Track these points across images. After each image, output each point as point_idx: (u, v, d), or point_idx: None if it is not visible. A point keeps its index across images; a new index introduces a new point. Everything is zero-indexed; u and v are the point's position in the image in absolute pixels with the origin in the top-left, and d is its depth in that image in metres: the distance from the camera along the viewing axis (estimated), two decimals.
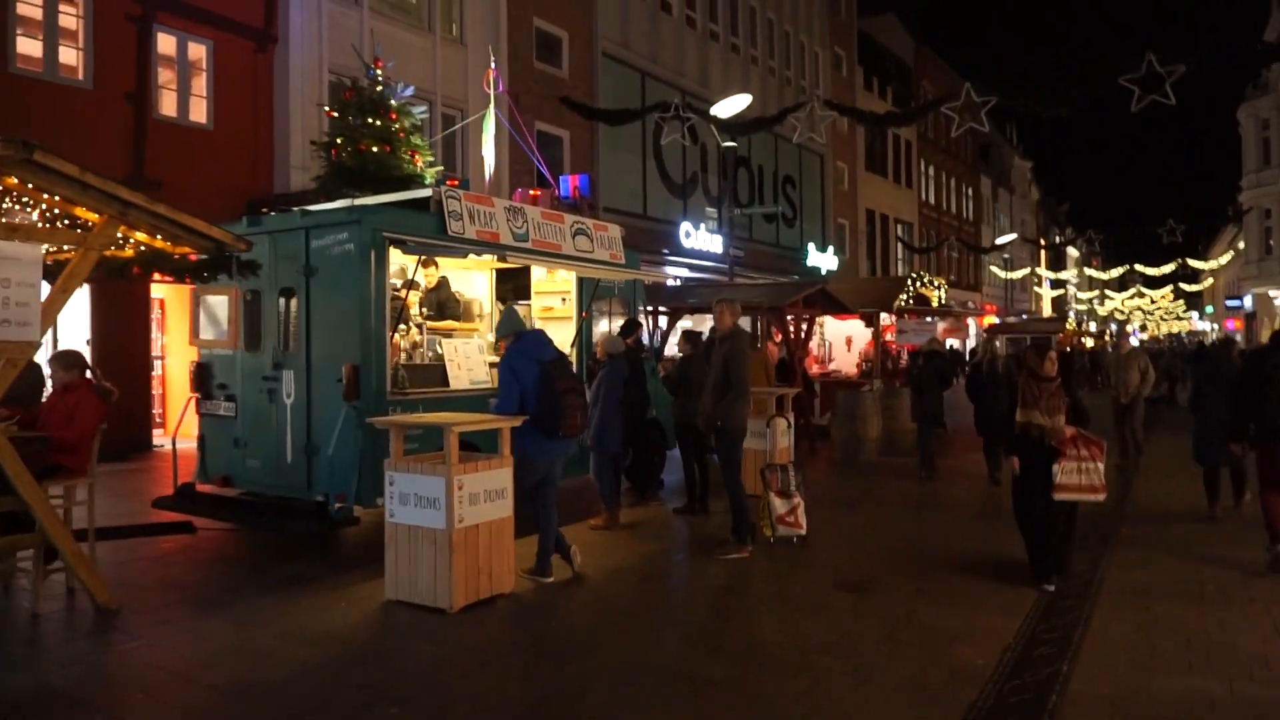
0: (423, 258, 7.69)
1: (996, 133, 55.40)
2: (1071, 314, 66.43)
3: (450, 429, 5.35)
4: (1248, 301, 41.60)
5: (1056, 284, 65.28)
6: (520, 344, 5.93)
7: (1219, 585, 6.01)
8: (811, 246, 28.96)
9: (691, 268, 22.24)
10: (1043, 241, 53.34)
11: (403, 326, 7.39)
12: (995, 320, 40.14)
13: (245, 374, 7.24)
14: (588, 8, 20.64)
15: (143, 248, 5.85)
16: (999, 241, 41.34)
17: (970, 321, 43.60)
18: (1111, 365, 11.78)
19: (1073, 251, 73.60)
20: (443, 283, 8.30)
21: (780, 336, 13.47)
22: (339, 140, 8.01)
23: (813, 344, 18.18)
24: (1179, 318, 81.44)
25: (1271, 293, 36.00)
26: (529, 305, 9.21)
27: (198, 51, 13.34)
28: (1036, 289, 61.08)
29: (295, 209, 7.09)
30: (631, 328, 8.94)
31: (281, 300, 6.97)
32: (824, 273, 28.00)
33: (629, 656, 4.69)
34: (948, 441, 12.73)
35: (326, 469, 6.62)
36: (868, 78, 35.41)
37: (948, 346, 18.71)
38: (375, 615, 5.38)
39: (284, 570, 6.35)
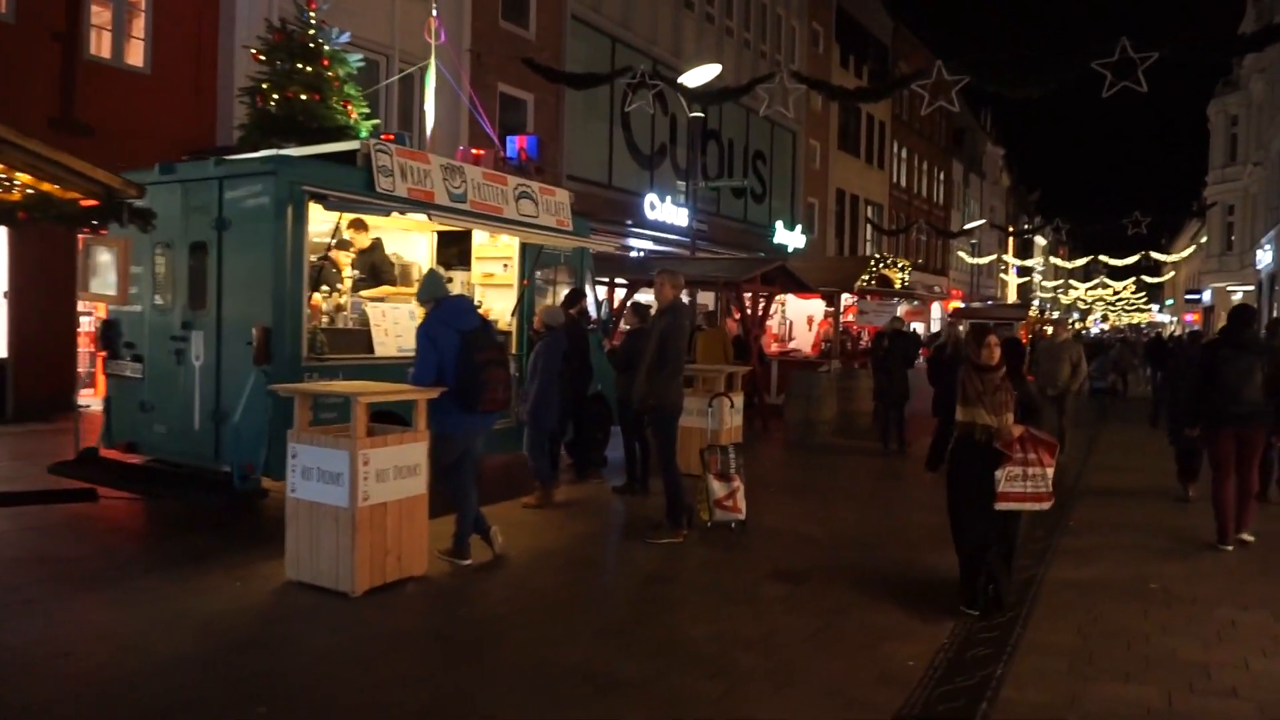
0: (354, 218, 7.25)
1: (970, 118, 55.31)
2: (1036, 302, 67.04)
3: (357, 398, 4.94)
4: (1207, 295, 42.10)
5: (1023, 271, 65.74)
6: (440, 311, 5.51)
7: (1163, 583, 5.81)
8: (779, 224, 28.62)
9: (656, 240, 21.82)
10: (1010, 229, 53.56)
11: (325, 288, 6.93)
12: (960, 305, 40.22)
13: (153, 333, 6.74)
14: None
15: (30, 190, 5.34)
16: (967, 227, 41.33)
17: (935, 305, 43.76)
18: (1041, 355, 10.71)
19: (1040, 240, 74.15)
20: (376, 244, 7.83)
21: (738, 313, 13.16)
22: (264, 86, 7.45)
23: (773, 322, 17.91)
24: (1140, 310, 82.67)
25: (1230, 287, 36.40)
26: (468, 271, 8.76)
27: None
28: (1003, 275, 61.43)
29: (211, 157, 6.56)
30: (575, 298, 8.55)
31: (192, 255, 6.47)
32: (791, 251, 27.70)
33: (537, 651, 4.35)
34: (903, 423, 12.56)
35: (234, 437, 6.18)
36: (844, 55, 34.98)
37: (909, 329, 18.65)
38: (271, 598, 4.99)
39: (180, 545, 5.92)
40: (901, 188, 41.60)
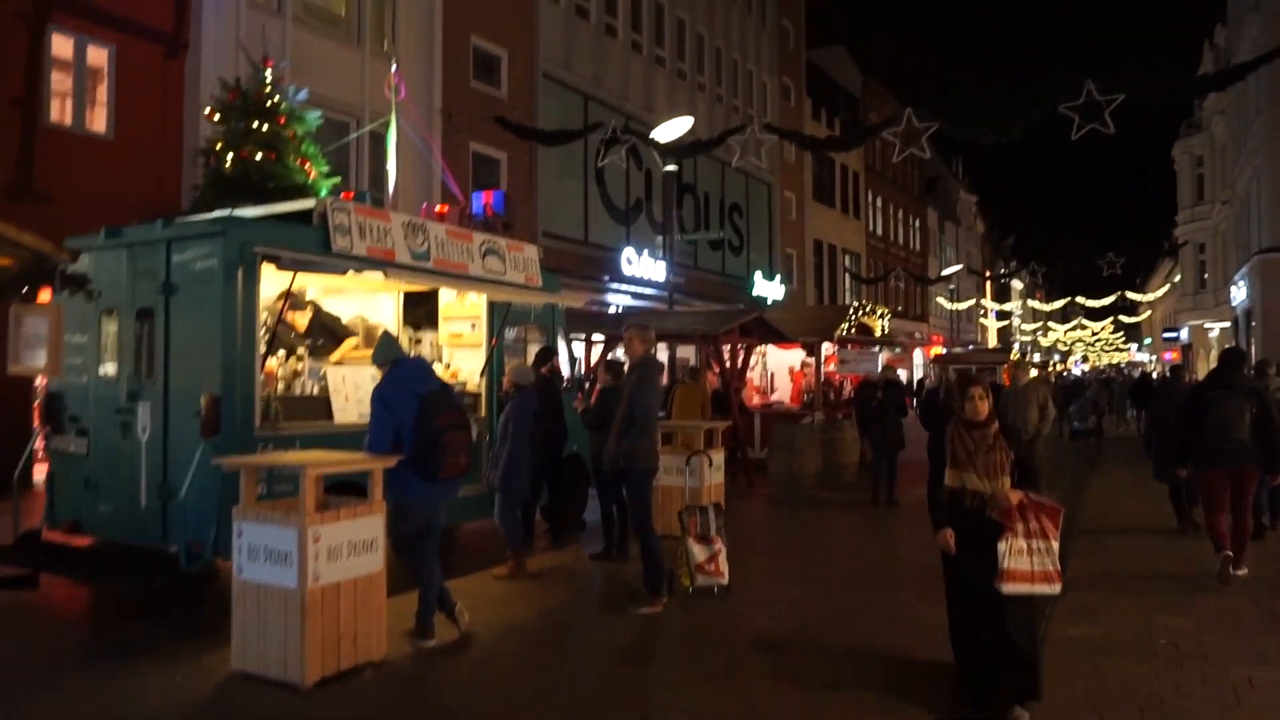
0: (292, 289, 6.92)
1: (943, 166, 56.30)
2: (1016, 345, 67.47)
3: (306, 470, 4.61)
4: (1184, 333, 42.44)
5: (1002, 315, 66.30)
6: (396, 373, 5.21)
7: (1171, 638, 5.49)
8: (758, 275, 28.64)
9: (635, 295, 21.69)
10: (988, 273, 54.10)
11: (282, 352, 6.62)
12: (942, 350, 40.30)
13: (98, 405, 6.39)
14: (529, 28, 20.14)
15: None
16: (945, 273, 41.64)
17: (917, 351, 43.84)
18: (1006, 400, 9.46)
19: (1017, 284, 75.00)
20: (315, 310, 7.54)
21: (718, 366, 12.93)
22: (218, 146, 7.24)
23: (754, 374, 17.68)
24: (1119, 349, 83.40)
25: (1207, 324, 36.69)
26: (436, 331, 8.49)
27: (99, 56, 12.43)
28: (982, 320, 61.90)
29: (160, 220, 6.30)
30: (546, 356, 8.28)
31: (138, 322, 6.16)
32: (770, 302, 27.67)
33: None
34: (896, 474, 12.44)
35: (181, 515, 5.80)
36: (816, 108, 35.54)
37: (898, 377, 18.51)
38: (212, 692, 4.58)
39: (119, 635, 5.50)
40: (878, 236, 41.98)
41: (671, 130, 16.43)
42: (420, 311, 8.84)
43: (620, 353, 13.78)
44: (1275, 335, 22.34)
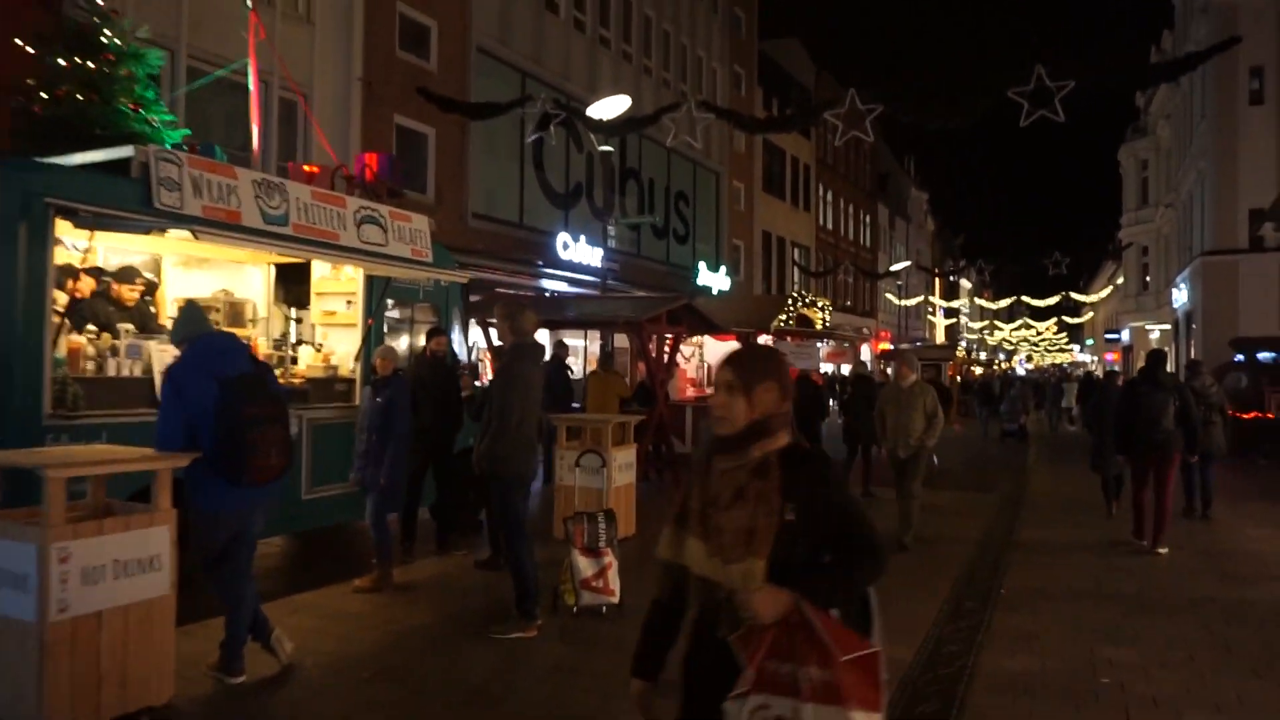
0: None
1: (894, 162, 56.25)
2: (964, 343, 68.00)
3: (45, 471, 3.61)
4: (1125, 335, 42.85)
5: (950, 313, 66.69)
6: (192, 353, 4.23)
7: (1117, 675, 4.77)
8: (703, 265, 27.88)
9: (571, 281, 20.73)
10: (936, 270, 54.16)
11: (92, 328, 5.58)
12: (889, 346, 40.07)
13: None
14: None
15: None
16: (893, 268, 41.40)
17: (864, 347, 43.58)
18: (886, 405, 8.09)
19: (966, 283, 75.64)
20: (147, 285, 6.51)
21: (671, 353, 12.07)
22: (28, 82, 6.19)
23: (690, 366, 16.90)
24: (1062, 350, 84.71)
25: (1148, 326, 36.96)
26: (307, 310, 7.49)
27: None
28: (930, 317, 62.13)
29: None
30: (433, 335, 7.31)
31: None
32: (715, 293, 26.93)
33: None
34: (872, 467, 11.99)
35: None
36: (767, 99, 34.87)
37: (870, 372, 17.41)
38: None
39: None
40: (828, 230, 41.56)
41: (608, 108, 15.51)
42: (301, 288, 7.84)
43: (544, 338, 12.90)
44: (1215, 336, 22.24)
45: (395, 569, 6.44)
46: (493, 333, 12.94)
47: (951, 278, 66.80)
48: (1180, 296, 28.48)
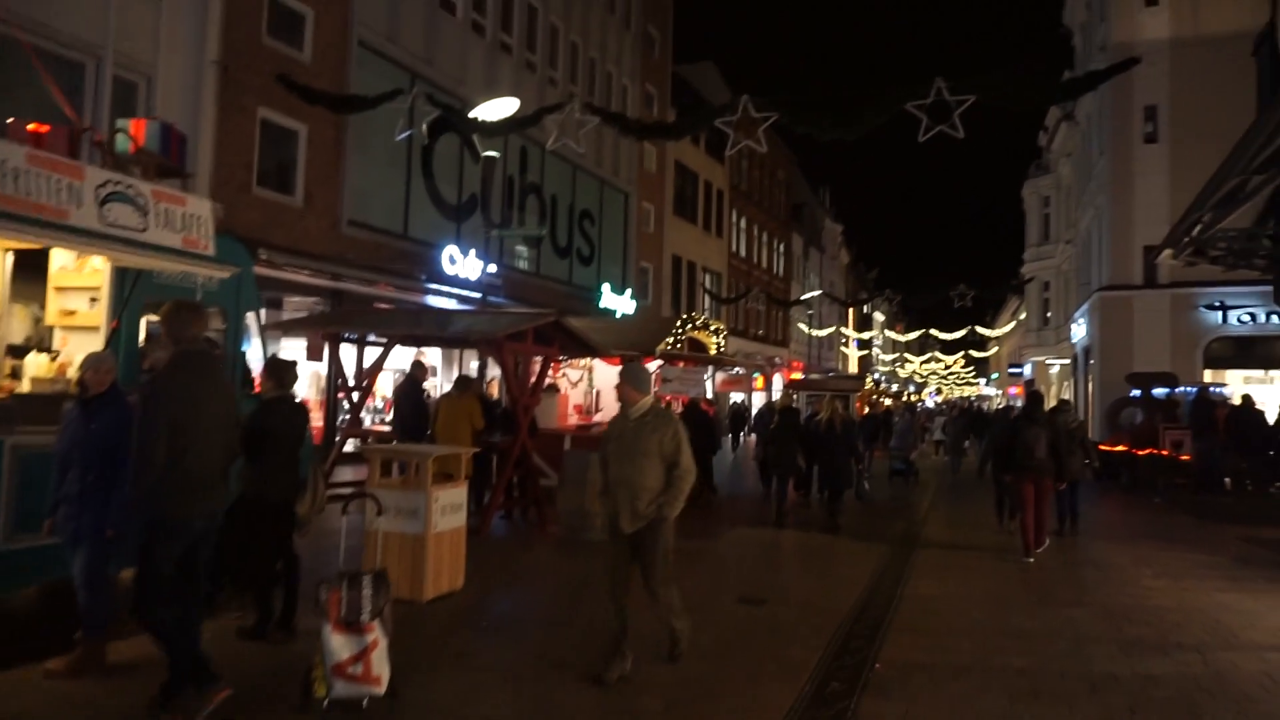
0: None
1: (810, 193, 56.62)
2: (878, 374, 68.75)
3: None
4: (1027, 369, 43.60)
5: (863, 345, 67.38)
6: None
7: None
8: (607, 287, 26.84)
9: (459, 298, 19.34)
10: (847, 301, 54.47)
11: None
12: (800, 375, 39.73)
13: None
14: None
15: None
16: (804, 297, 41.24)
17: (776, 376, 43.19)
18: (607, 445, 5.37)
19: (879, 316, 76.79)
20: None
21: (538, 376, 10.83)
22: None
23: (577, 391, 15.71)
24: (969, 383, 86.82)
25: (1049, 361, 37.54)
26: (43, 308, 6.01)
27: None
28: (843, 349, 62.56)
29: None
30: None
31: None
32: (619, 315, 25.88)
33: None
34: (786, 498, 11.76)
35: None
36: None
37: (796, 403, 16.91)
38: None
39: None
40: (741, 257, 41.15)
41: (493, 110, 14.35)
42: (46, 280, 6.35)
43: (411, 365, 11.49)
44: (1112, 370, 22.28)
45: (121, 641, 5.01)
46: (344, 350, 11.52)
47: (864, 309, 67.58)
48: (1079, 331, 28.78)
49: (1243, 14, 21.27)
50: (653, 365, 13.63)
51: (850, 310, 60.48)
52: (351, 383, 11.34)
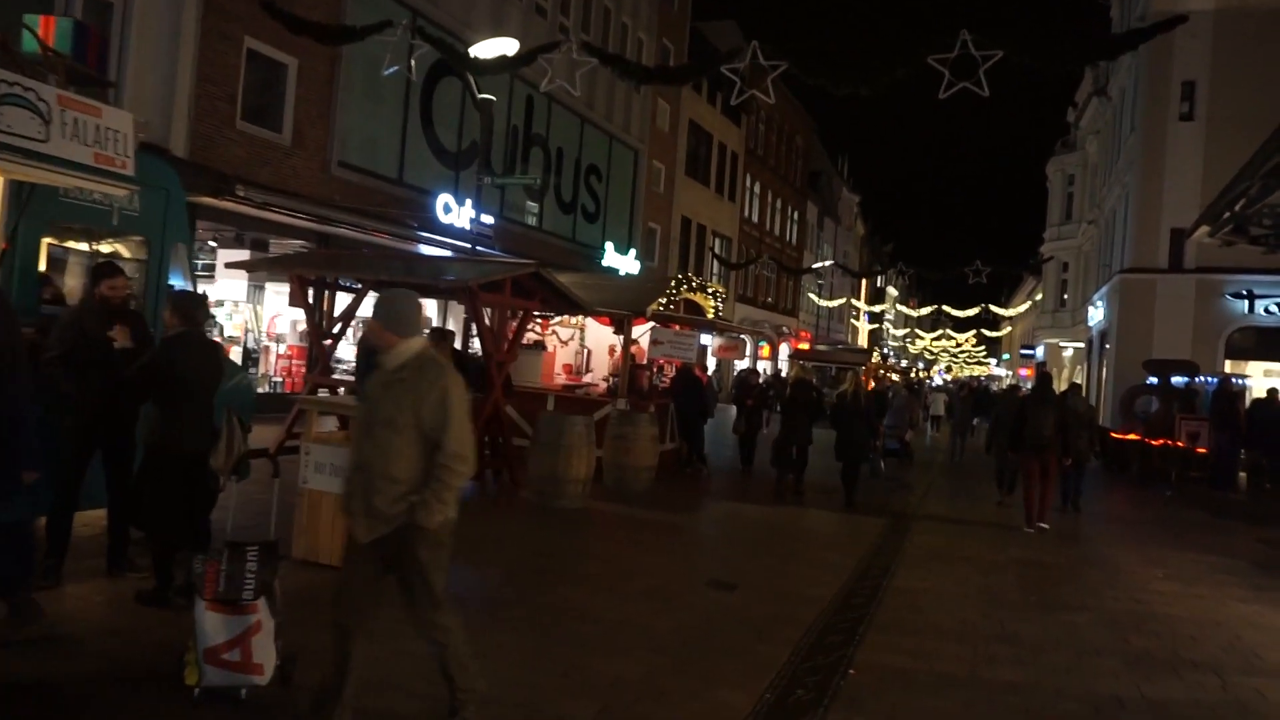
0: None
1: (828, 161, 55.33)
2: (888, 349, 67.86)
3: None
4: (1040, 351, 42.67)
5: (874, 318, 66.39)
6: None
7: None
8: (610, 246, 26.04)
9: (453, 249, 18.61)
10: (859, 272, 53.41)
11: None
12: (805, 346, 38.97)
13: None
14: None
15: None
16: (815, 266, 40.34)
17: (784, 345, 42.42)
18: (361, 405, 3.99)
19: (892, 290, 75.63)
20: None
21: (516, 330, 10.16)
22: None
23: (568, 350, 15.05)
24: (980, 362, 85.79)
25: (1063, 344, 36.64)
26: None
27: None
28: (854, 321, 61.63)
29: None
30: (104, 273, 5.21)
31: None
32: (622, 275, 25.10)
33: None
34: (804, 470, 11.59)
35: None
36: (700, 81, 33.05)
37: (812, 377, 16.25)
38: None
39: None
40: (753, 223, 40.17)
41: (489, 49, 13.51)
42: None
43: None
44: (1129, 355, 21.43)
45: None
46: (276, 290, 10.85)
47: (878, 282, 66.50)
48: (1096, 315, 27.87)
49: None
50: (644, 327, 12.93)
51: (863, 283, 59.42)
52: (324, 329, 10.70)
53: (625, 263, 26.39)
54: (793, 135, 45.51)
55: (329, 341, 10.76)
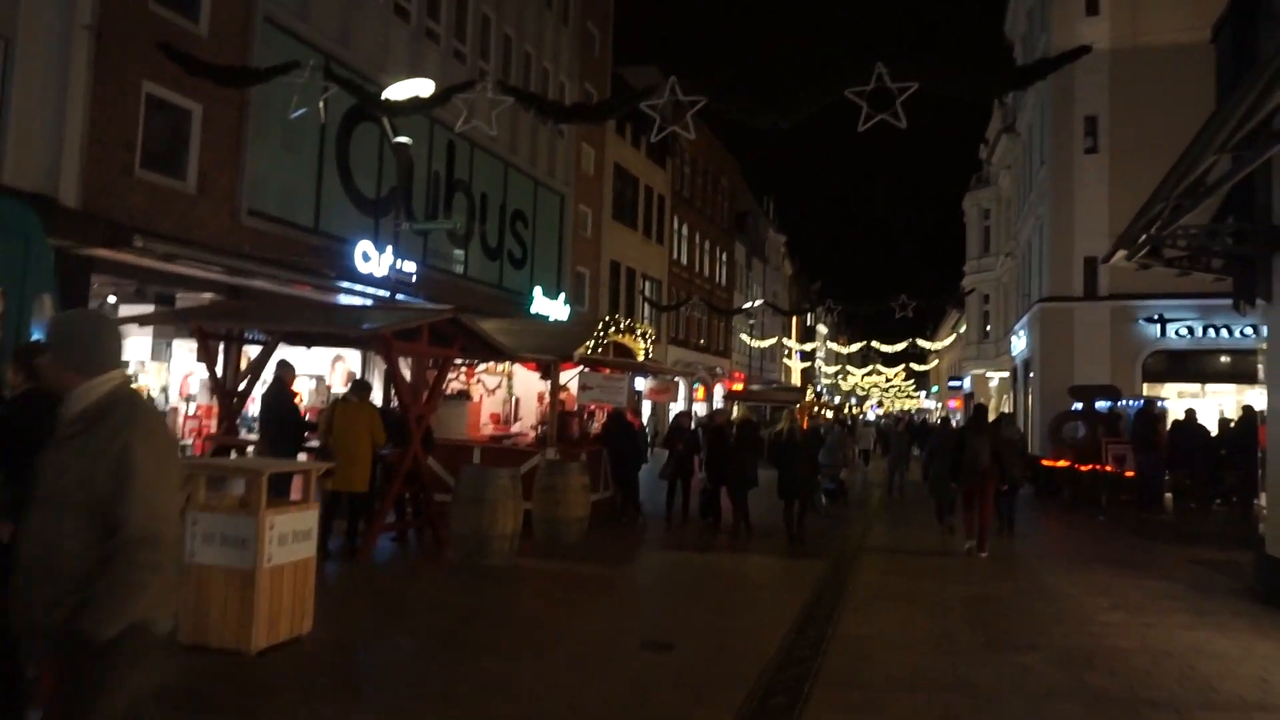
0: None
1: (754, 202, 56.24)
2: (821, 387, 68.62)
3: None
4: (967, 382, 43.60)
5: (805, 356, 67.19)
6: None
7: None
8: (539, 291, 25.66)
9: (374, 298, 17.97)
10: (790, 310, 54.07)
11: None
12: (740, 387, 39.00)
13: None
14: None
15: None
16: (745, 306, 40.63)
17: (718, 387, 42.43)
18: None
19: (822, 328, 76.86)
20: None
21: (435, 380, 9.63)
22: None
23: (495, 398, 14.52)
24: (910, 396, 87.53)
25: (988, 374, 37.46)
26: None
27: None
28: (786, 361, 62.25)
29: None
30: None
31: None
32: (551, 322, 24.69)
33: None
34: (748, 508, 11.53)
35: None
36: (620, 123, 33.26)
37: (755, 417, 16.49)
38: None
39: None
40: (682, 265, 40.33)
41: (404, 90, 13.17)
42: None
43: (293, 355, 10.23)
44: (1053, 380, 21.88)
45: None
46: (188, 347, 10.17)
47: (808, 320, 67.49)
48: (1019, 344, 28.53)
49: (1180, 26, 21.12)
50: (573, 372, 12.52)
51: (794, 321, 60.23)
52: (230, 386, 10.02)
53: (555, 308, 26.02)
54: (718, 177, 46.12)
55: (235, 399, 10.10)
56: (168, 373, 15.04)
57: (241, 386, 10.11)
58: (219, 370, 9.86)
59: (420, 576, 8.20)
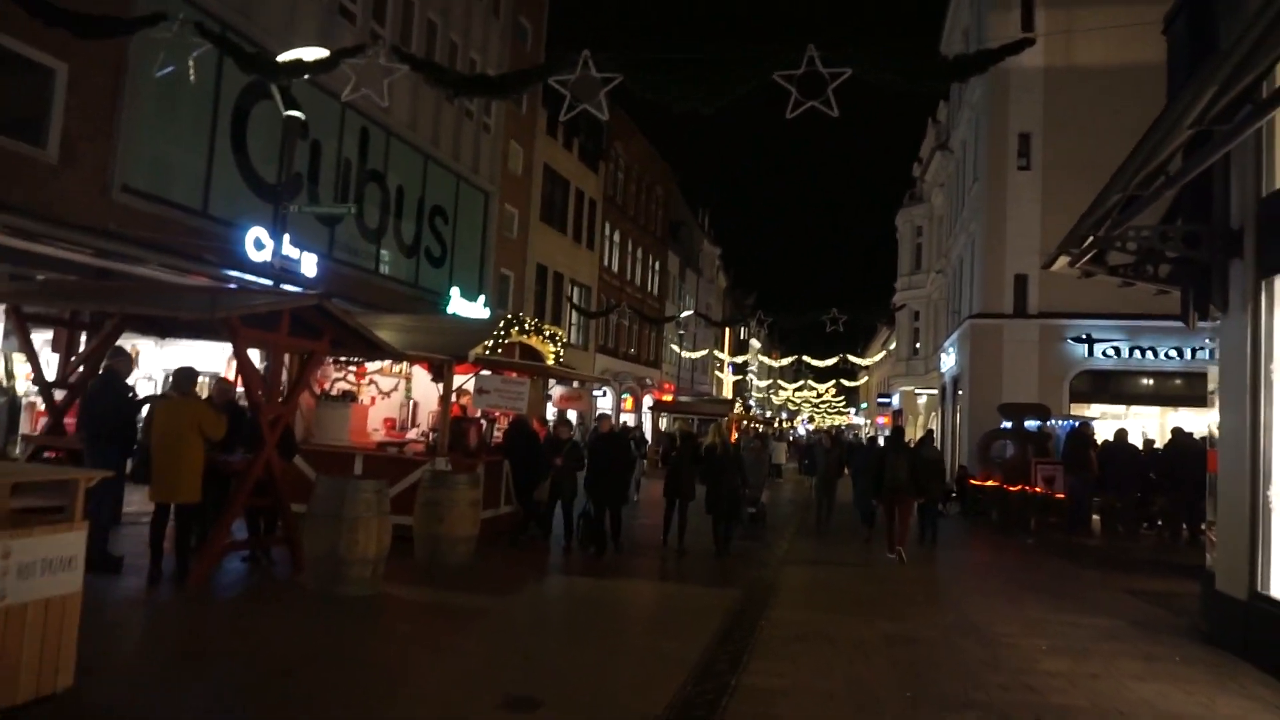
0: None
1: (688, 212, 55.63)
2: (752, 400, 68.32)
3: None
4: (896, 399, 43.55)
5: (738, 370, 66.81)
6: None
7: None
8: (457, 292, 24.32)
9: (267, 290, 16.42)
10: (721, 322, 53.54)
11: None
12: (669, 398, 38.12)
13: None
14: None
15: None
16: (680, 316, 39.79)
17: (646, 397, 41.48)
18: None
19: (755, 342, 76.72)
20: None
21: (299, 376, 8.31)
22: None
23: (391, 402, 13.19)
24: (840, 412, 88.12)
25: (917, 391, 37.34)
26: None
27: None
28: (718, 373, 61.73)
29: None
30: None
31: None
32: (453, 319, 23.34)
33: None
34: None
35: None
36: (552, 122, 32.12)
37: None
38: None
39: None
40: (613, 272, 39.31)
41: (297, 56, 11.84)
42: None
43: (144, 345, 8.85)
44: (982, 398, 21.47)
45: None
46: (44, 337, 8.73)
47: (741, 333, 67.16)
48: (948, 361, 28.26)
49: (1112, 48, 21.05)
50: (471, 375, 11.31)
51: (726, 334, 59.78)
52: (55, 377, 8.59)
53: (474, 310, 24.70)
54: (653, 185, 45.32)
55: (64, 393, 8.66)
56: (12, 360, 13.30)
57: (73, 379, 8.70)
58: (38, 360, 8.39)
59: (258, 608, 6.91)
